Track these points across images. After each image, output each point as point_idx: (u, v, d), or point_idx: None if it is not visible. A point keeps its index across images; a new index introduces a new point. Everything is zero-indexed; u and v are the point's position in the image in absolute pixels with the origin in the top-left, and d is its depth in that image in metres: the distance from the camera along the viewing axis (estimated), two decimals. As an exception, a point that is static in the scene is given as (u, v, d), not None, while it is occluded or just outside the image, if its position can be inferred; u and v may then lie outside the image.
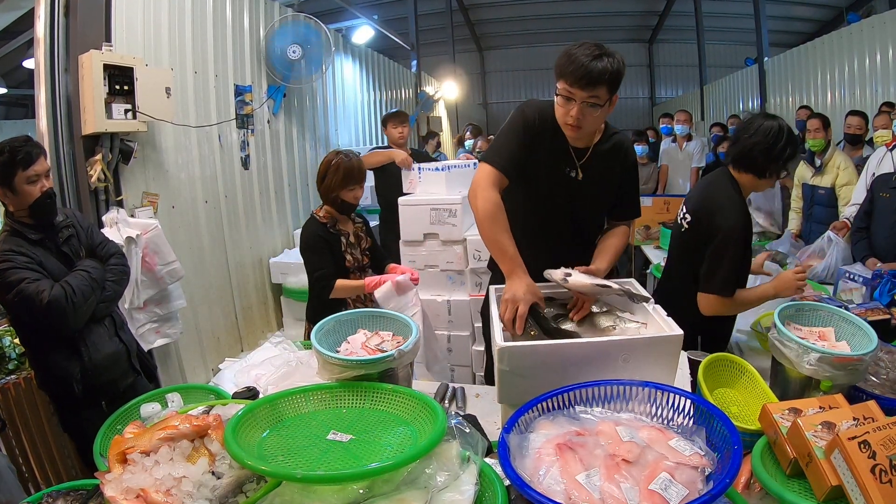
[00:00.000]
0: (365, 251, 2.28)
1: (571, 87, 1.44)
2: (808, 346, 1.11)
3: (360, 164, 2.16)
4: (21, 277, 1.67)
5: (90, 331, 1.84)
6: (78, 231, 1.91)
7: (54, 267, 1.78)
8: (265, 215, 3.85)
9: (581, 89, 1.43)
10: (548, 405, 1.07)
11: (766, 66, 7.44)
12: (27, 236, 1.76)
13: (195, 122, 3.10)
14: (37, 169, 1.72)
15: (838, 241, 2.74)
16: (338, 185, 2.12)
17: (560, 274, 1.44)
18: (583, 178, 1.62)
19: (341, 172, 2.11)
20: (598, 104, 1.46)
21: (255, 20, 3.75)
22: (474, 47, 13.39)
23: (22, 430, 2.14)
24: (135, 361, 2.02)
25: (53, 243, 1.82)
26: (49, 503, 0.99)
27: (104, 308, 1.89)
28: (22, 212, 1.77)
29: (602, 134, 1.63)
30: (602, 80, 1.42)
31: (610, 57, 1.43)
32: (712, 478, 0.83)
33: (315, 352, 1.23)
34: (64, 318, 1.70)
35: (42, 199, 1.75)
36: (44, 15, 2.38)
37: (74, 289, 1.72)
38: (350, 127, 5.40)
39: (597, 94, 1.43)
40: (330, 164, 2.14)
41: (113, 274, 1.91)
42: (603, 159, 1.63)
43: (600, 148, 1.62)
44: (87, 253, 1.90)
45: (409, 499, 0.88)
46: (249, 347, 3.42)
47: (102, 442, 1.23)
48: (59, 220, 1.86)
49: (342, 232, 2.19)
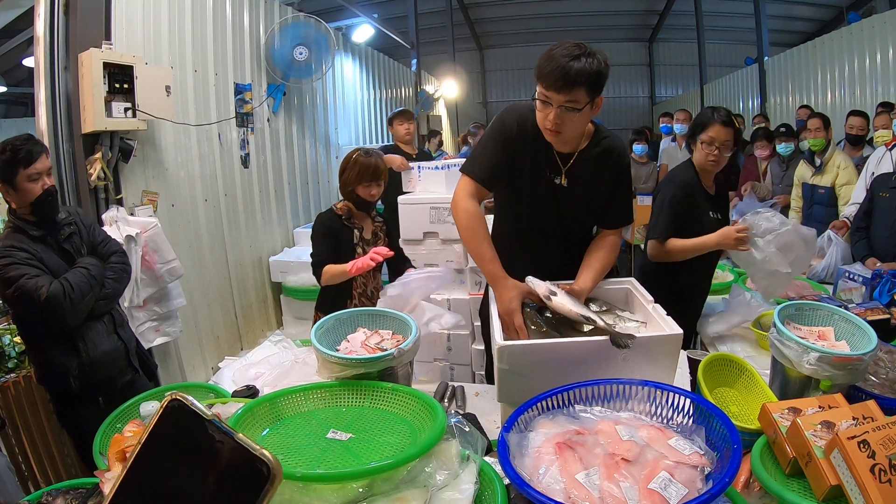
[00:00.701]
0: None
1: (548, 91, 1.37)
2: (808, 345, 1.11)
3: (378, 162, 2.18)
4: (21, 273, 1.69)
5: (89, 328, 1.86)
6: (80, 229, 1.93)
7: (55, 264, 1.80)
8: (265, 214, 3.85)
9: (557, 92, 1.36)
10: (547, 404, 1.07)
11: (766, 65, 7.44)
12: (29, 233, 1.79)
13: (195, 121, 3.10)
14: (38, 167, 1.75)
15: (838, 241, 2.74)
16: (353, 180, 2.16)
17: (544, 289, 1.40)
18: (568, 184, 1.55)
19: (357, 168, 2.15)
20: (577, 108, 1.37)
21: (255, 19, 3.75)
22: (474, 46, 13.39)
23: (22, 428, 2.14)
24: (133, 360, 2.03)
25: (55, 240, 1.85)
26: (48, 502, 0.99)
27: (103, 305, 1.90)
28: (24, 209, 1.80)
29: (591, 138, 1.55)
30: (579, 83, 1.34)
31: (589, 57, 1.35)
32: (712, 477, 0.83)
33: (315, 350, 1.23)
34: (61, 314, 1.72)
35: (43, 197, 1.78)
36: (44, 13, 2.38)
37: (73, 285, 1.74)
38: (350, 125, 5.39)
39: (575, 97, 1.36)
40: (350, 159, 2.19)
41: (113, 272, 1.93)
42: (590, 165, 1.55)
43: (587, 154, 1.54)
44: (89, 251, 1.92)
45: (408, 497, 0.88)
46: (249, 346, 3.42)
47: (102, 440, 1.23)
48: (60, 217, 1.88)
49: (356, 225, 2.21)
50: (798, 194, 3.54)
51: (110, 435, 1.24)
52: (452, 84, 8.96)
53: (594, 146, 1.55)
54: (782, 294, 2.13)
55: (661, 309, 1.36)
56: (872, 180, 2.73)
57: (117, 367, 1.96)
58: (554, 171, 1.56)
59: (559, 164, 1.55)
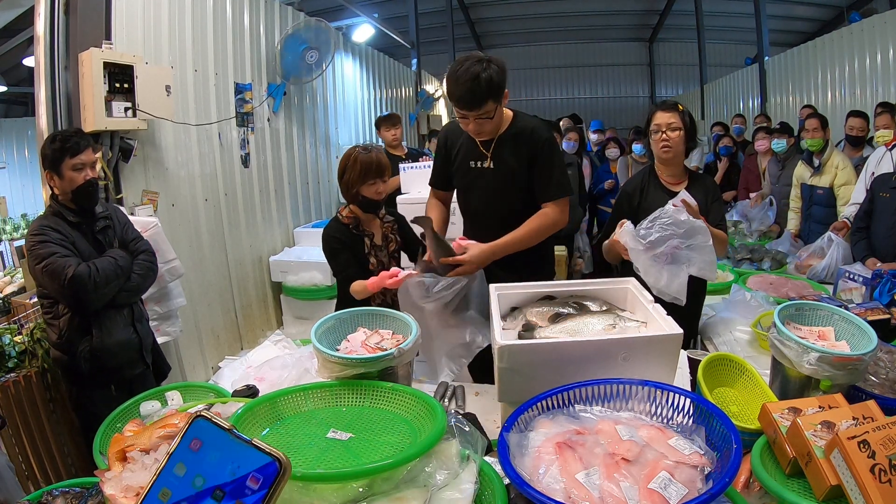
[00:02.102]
0: (393, 254, 2.12)
1: (461, 111, 1.70)
2: (808, 345, 1.11)
3: (380, 156, 2.01)
4: (51, 251, 1.82)
5: (107, 316, 1.97)
6: (114, 224, 2.06)
7: (86, 250, 1.93)
8: (265, 213, 3.85)
9: (470, 111, 1.68)
10: (547, 404, 1.07)
11: (766, 65, 7.43)
12: (66, 218, 1.92)
13: (195, 121, 3.10)
14: (83, 158, 1.89)
15: (838, 241, 2.73)
16: (356, 179, 1.96)
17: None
18: (493, 165, 1.86)
19: (359, 166, 1.96)
20: (489, 116, 1.71)
21: (255, 18, 3.75)
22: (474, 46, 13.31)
23: (22, 427, 2.14)
24: (147, 355, 2.12)
25: (90, 229, 1.98)
26: (48, 501, 0.99)
27: (126, 297, 2.01)
28: (65, 196, 1.93)
29: (509, 123, 1.84)
30: (484, 98, 1.65)
31: (486, 70, 1.63)
32: (712, 477, 0.83)
33: (315, 350, 1.23)
34: (84, 296, 1.84)
35: (85, 187, 1.91)
36: (44, 13, 2.39)
37: (99, 270, 1.86)
38: (350, 125, 5.40)
39: (484, 110, 1.68)
40: (349, 158, 2.01)
41: (140, 268, 2.04)
42: (508, 146, 1.83)
43: (504, 136, 1.84)
44: (120, 246, 2.03)
45: (408, 497, 0.88)
46: (249, 346, 3.42)
47: (102, 440, 1.23)
48: (99, 210, 2.01)
49: (366, 233, 2.05)
50: (797, 195, 3.54)
51: (110, 435, 1.24)
52: (452, 84, 8.94)
53: (510, 129, 1.84)
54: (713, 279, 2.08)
55: (661, 309, 1.36)
56: (873, 180, 2.73)
57: (128, 357, 2.04)
58: (480, 158, 1.88)
59: (483, 151, 1.87)
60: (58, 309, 1.94)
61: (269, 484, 0.54)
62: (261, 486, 0.54)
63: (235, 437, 0.56)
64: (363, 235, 2.04)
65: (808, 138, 3.32)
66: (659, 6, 11.13)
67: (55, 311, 1.95)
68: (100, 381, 2.00)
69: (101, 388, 2.01)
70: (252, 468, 0.55)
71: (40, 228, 1.87)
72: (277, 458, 0.54)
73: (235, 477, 0.55)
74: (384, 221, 2.10)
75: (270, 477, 0.54)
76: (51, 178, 1.91)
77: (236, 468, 0.55)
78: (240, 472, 0.55)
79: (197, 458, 0.57)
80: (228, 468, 0.56)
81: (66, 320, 1.93)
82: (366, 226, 2.06)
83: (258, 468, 0.55)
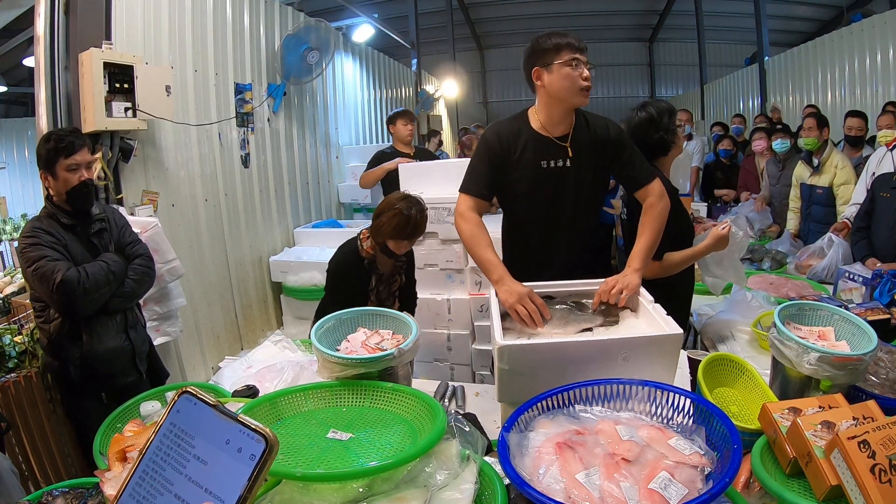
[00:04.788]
0: (394, 292, 2.17)
1: (575, 53, 1.54)
2: (808, 345, 1.11)
3: (420, 221, 1.98)
4: (42, 255, 1.77)
5: (99, 322, 1.91)
6: (111, 226, 1.99)
7: (80, 254, 1.87)
8: (265, 214, 3.84)
9: (583, 53, 1.56)
10: (547, 404, 1.07)
11: (766, 65, 7.44)
12: (60, 220, 1.87)
13: (195, 121, 3.10)
14: (77, 158, 1.83)
15: (839, 241, 2.73)
16: (388, 231, 1.97)
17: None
18: (573, 162, 1.66)
19: (396, 221, 1.95)
20: (594, 65, 1.60)
21: (255, 18, 3.75)
22: (474, 46, 13.37)
23: (22, 428, 2.14)
24: (140, 363, 2.05)
25: (84, 232, 1.92)
26: (49, 501, 0.99)
27: (119, 303, 1.94)
28: (60, 197, 1.87)
29: (575, 117, 1.68)
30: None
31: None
32: (712, 477, 0.83)
33: (315, 350, 1.23)
34: (72, 301, 1.78)
35: (79, 188, 1.85)
36: (44, 13, 2.38)
37: (89, 275, 1.80)
38: (350, 125, 5.39)
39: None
40: (392, 206, 1.98)
41: (135, 273, 1.97)
42: (587, 137, 1.66)
43: (580, 125, 1.67)
44: (116, 250, 1.98)
45: (408, 497, 0.88)
46: (249, 346, 3.42)
47: (102, 440, 1.23)
48: (94, 211, 1.95)
49: (376, 271, 2.09)
50: (796, 195, 3.54)
51: (110, 435, 1.24)
52: (453, 84, 8.94)
53: (581, 121, 1.68)
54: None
55: (661, 309, 1.36)
56: (873, 180, 2.73)
57: (120, 365, 1.98)
58: (554, 156, 1.65)
59: (559, 146, 1.65)
60: (49, 313, 1.89)
61: (257, 461, 0.53)
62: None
63: (221, 414, 0.56)
64: (373, 272, 2.08)
65: (804, 136, 3.33)
66: (659, 6, 11.14)
67: (46, 314, 1.90)
68: (90, 389, 1.94)
69: (90, 396, 1.95)
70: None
71: (32, 230, 1.81)
72: (264, 435, 0.53)
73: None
74: (397, 260, 2.15)
75: (257, 454, 0.54)
76: (45, 179, 1.86)
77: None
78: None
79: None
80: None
81: (56, 325, 1.87)
82: (379, 262, 2.10)
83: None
